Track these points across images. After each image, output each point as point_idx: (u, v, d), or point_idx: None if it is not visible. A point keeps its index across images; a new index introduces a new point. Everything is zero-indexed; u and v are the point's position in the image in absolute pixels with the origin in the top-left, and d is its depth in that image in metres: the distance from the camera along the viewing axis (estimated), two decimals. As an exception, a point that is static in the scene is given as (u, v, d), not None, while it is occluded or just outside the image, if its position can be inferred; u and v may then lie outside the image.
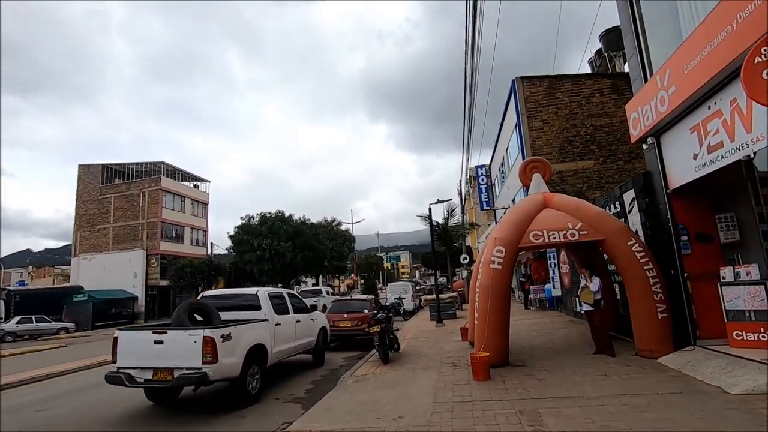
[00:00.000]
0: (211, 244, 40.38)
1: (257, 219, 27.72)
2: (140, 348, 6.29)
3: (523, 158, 16.87)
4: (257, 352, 7.22)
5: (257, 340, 7.22)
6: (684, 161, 6.75)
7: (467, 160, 20.65)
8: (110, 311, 33.03)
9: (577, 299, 13.35)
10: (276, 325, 7.98)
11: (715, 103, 5.84)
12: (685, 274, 7.21)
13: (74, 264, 38.11)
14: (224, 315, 8.04)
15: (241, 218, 28.31)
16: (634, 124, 8.03)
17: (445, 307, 17.23)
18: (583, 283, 8.18)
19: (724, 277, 6.60)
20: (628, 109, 8.21)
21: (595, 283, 7.93)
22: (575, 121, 16.52)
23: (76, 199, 39.34)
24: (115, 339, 6.44)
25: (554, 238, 7.85)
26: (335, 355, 11.48)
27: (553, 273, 15.69)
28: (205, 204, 43.46)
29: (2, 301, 29.08)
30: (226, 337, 6.35)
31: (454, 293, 20.64)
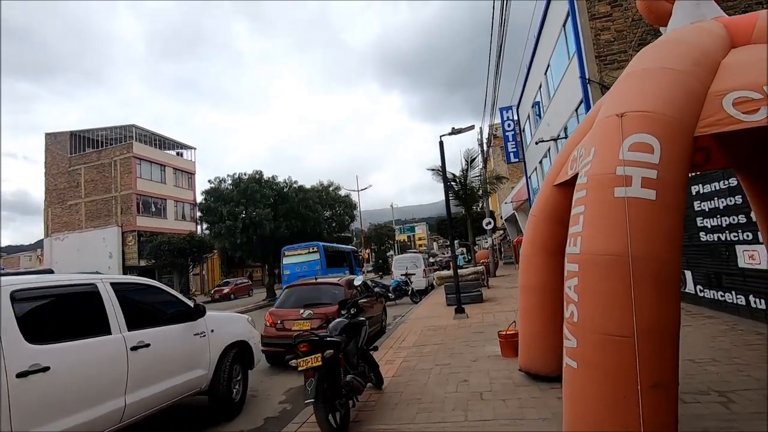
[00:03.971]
0: (199, 217, 35.73)
1: (230, 182, 22.75)
2: None
3: (581, 62, 11.26)
4: None
5: None
6: None
7: (497, 82, 15.13)
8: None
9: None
10: (28, 373, 3.01)
11: None
12: None
13: (47, 245, 34.16)
14: None
15: (210, 181, 23.21)
16: None
17: (466, 287, 12.16)
18: None
19: None
20: None
21: None
22: None
23: (45, 173, 35.05)
24: None
25: (807, 103, 2.54)
26: (277, 382, 6.59)
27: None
28: (190, 173, 38.68)
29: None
30: None
31: (479, 267, 15.53)
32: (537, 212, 4.86)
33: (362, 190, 42.85)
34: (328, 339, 3.90)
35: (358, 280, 6.37)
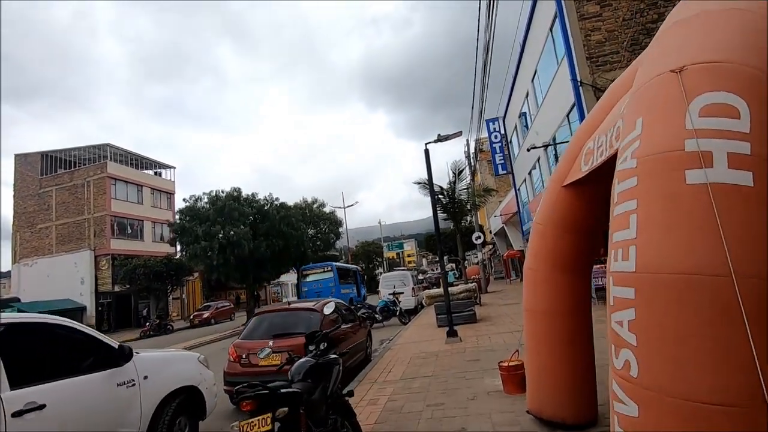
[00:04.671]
0: (173, 238, 34.17)
1: (206, 200, 21.69)
2: None
3: (571, 64, 10.70)
4: None
5: None
6: None
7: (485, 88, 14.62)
8: (52, 326, 27.10)
9: None
10: None
11: None
12: None
13: (14, 271, 32.21)
14: None
15: (184, 200, 21.98)
16: None
17: (458, 306, 11.26)
18: None
19: None
20: None
21: None
22: (655, -3, 10.28)
23: (14, 196, 33.34)
24: None
25: None
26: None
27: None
28: (170, 193, 37.29)
29: None
30: None
31: (470, 284, 14.64)
32: (542, 219, 4.03)
33: (349, 206, 41.93)
34: (282, 391, 2.94)
35: (328, 308, 5.39)
